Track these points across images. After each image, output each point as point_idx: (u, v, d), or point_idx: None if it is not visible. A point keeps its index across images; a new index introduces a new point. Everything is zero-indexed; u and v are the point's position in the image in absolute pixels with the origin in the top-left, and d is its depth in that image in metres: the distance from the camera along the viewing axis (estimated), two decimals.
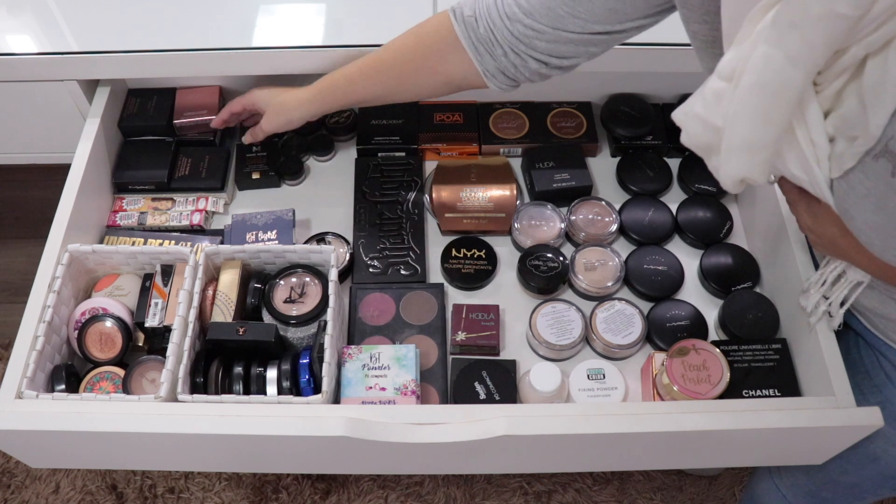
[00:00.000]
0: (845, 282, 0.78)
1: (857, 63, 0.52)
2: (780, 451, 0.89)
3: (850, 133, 0.55)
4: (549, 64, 0.82)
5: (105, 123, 1.06)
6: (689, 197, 1.10)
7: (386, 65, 0.92)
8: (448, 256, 1.03)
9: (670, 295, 1.01)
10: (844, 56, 0.51)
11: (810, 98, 0.56)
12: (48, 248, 0.92)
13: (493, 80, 0.87)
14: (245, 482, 1.46)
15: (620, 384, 0.92)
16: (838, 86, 0.54)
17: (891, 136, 0.52)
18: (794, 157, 0.59)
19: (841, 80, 0.54)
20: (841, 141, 0.57)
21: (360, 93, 0.95)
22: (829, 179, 0.59)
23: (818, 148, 0.58)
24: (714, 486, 1.47)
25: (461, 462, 0.92)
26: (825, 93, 0.55)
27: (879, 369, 0.83)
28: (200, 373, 0.85)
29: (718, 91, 0.59)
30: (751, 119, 0.56)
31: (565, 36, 0.79)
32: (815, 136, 0.57)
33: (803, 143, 0.58)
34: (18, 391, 0.82)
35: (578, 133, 1.15)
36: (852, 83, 0.54)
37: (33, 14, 1.05)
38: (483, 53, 0.84)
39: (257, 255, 0.93)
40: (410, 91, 0.94)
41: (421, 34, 0.90)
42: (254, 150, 1.13)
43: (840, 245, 0.68)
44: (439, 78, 0.90)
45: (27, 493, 1.46)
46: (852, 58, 0.51)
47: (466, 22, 0.84)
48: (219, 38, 1.02)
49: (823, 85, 0.55)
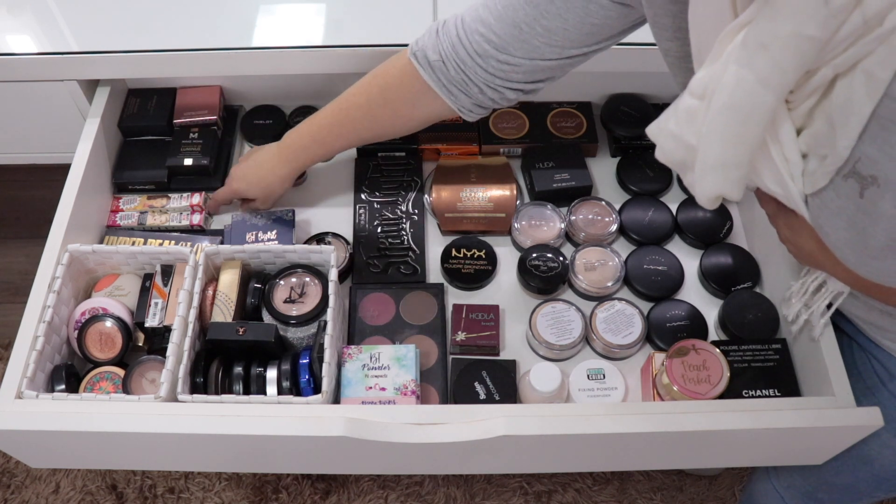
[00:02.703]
0: (826, 291, 0.78)
1: (826, 83, 0.52)
2: (779, 451, 0.89)
3: (820, 152, 0.55)
4: (525, 90, 0.83)
5: (105, 123, 1.06)
6: (689, 197, 1.10)
7: (354, 118, 0.92)
8: (448, 256, 1.03)
9: (670, 295, 1.01)
10: (815, 76, 0.52)
11: (783, 116, 0.56)
12: (48, 248, 0.92)
13: (469, 114, 0.87)
14: (245, 482, 1.46)
15: (620, 384, 0.92)
16: (809, 105, 0.54)
17: (857, 158, 0.52)
18: (768, 172, 0.60)
19: (812, 100, 0.54)
20: (813, 159, 0.57)
21: (335, 146, 0.98)
22: (803, 194, 0.60)
23: (792, 164, 0.58)
24: (714, 486, 1.47)
25: (461, 462, 0.92)
26: (797, 111, 0.55)
27: (872, 372, 0.83)
28: (200, 373, 0.85)
29: (691, 109, 0.59)
30: (724, 139, 0.57)
31: (542, 65, 0.78)
32: (789, 153, 0.58)
33: (777, 160, 0.58)
34: (18, 391, 0.82)
35: (578, 133, 1.15)
36: (822, 103, 0.54)
37: (33, 14, 1.05)
38: (457, 93, 0.84)
39: (257, 255, 0.93)
40: (384, 135, 0.95)
41: (386, 86, 0.88)
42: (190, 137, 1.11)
43: (818, 258, 0.69)
44: (412, 123, 0.91)
45: (27, 493, 1.46)
46: (822, 78, 0.51)
47: (434, 66, 0.83)
48: (219, 38, 1.02)
49: (795, 103, 0.55)
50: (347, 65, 1.02)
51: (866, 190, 0.53)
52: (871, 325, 0.80)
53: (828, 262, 0.67)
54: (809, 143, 0.57)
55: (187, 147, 1.09)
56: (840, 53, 0.49)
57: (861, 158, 0.52)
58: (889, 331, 0.78)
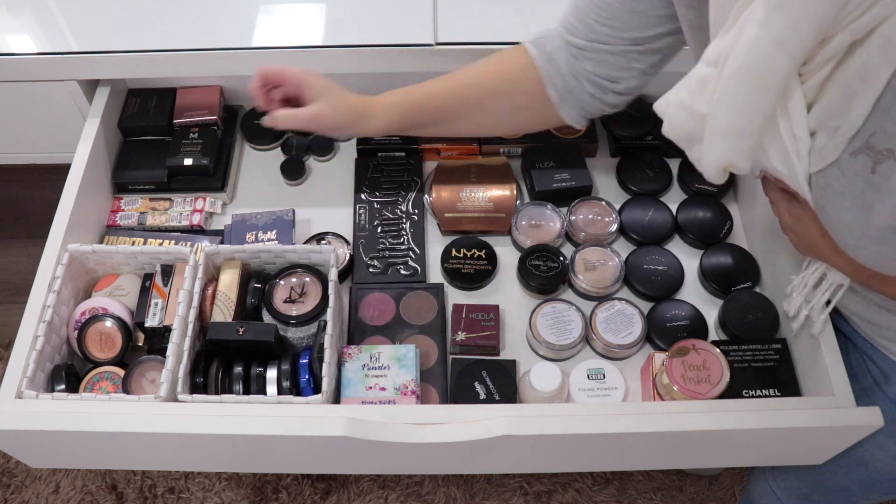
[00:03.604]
0: (826, 285, 0.78)
1: (842, 51, 0.52)
2: (779, 451, 0.89)
3: (832, 124, 0.55)
4: (603, 87, 0.83)
5: (105, 123, 1.06)
6: (689, 197, 1.10)
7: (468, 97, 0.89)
8: (448, 256, 1.03)
9: (670, 295, 1.01)
10: (830, 44, 0.52)
11: (795, 88, 0.56)
12: (48, 248, 0.92)
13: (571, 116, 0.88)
14: (245, 482, 1.46)
15: (620, 384, 0.92)
16: (823, 75, 0.54)
17: (872, 133, 0.52)
18: (775, 150, 0.60)
19: (825, 70, 0.54)
20: (822, 134, 0.57)
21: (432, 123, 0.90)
22: (808, 175, 0.60)
23: (799, 142, 0.58)
24: (714, 486, 1.47)
25: (461, 462, 0.92)
26: (809, 83, 0.55)
27: (867, 373, 0.83)
28: (200, 373, 0.85)
29: (704, 77, 0.59)
30: (735, 104, 0.57)
31: (602, 48, 0.79)
32: (797, 130, 0.57)
33: (785, 137, 0.58)
34: (18, 391, 0.82)
35: (578, 133, 1.15)
36: (836, 74, 0.54)
37: (33, 14, 1.05)
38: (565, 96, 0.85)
39: (257, 255, 0.93)
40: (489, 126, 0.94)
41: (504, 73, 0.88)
42: (190, 137, 1.11)
43: (819, 247, 0.69)
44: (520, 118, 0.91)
45: (27, 493, 1.46)
46: (838, 45, 0.51)
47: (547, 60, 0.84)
48: (219, 38, 1.02)
49: (808, 75, 0.55)
50: (347, 65, 1.02)
51: (880, 164, 0.52)
52: (868, 323, 0.80)
53: (829, 251, 0.67)
54: (819, 119, 0.56)
55: (187, 147, 1.09)
56: (857, 17, 0.49)
57: (876, 132, 0.52)
58: (886, 328, 0.78)
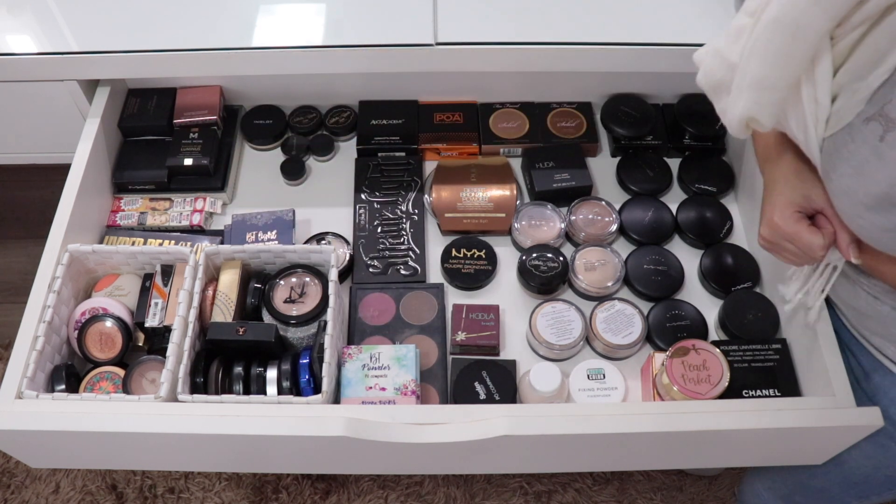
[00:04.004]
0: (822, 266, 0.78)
1: (879, 13, 0.53)
2: (779, 451, 0.89)
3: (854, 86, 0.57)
4: None
5: (105, 123, 1.06)
6: (689, 197, 1.10)
7: None
8: (448, 256, 1.03)
9: (670, 295, 1.01)
10: (868, 4, 0.53)
11: (825, 51, 0.57)
12: (48, 248, 0.92)
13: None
14: (245, 482, 1.46)
15: (620, 384, 0.92)
16: (854, 38, 0.55)
17: (889, 100, 0.53)
18: (794, 117, 0.61)
19: (858, 32, 0.55)
20: (842, 97, 0.58)
21: None
22: (821, 140, 0.61)
23: (820, 107, 0.59)
24: (714, 486, 1.47)
25: (461, 462, 0.92)
26: (840, 45, 0.56)
27: (849, 370, 0.83)
28: (200, 373, 0.85)
29: (741, 27, 0.61)
30: (767, 54, 0.58)
31: None
32: (820, 95, 0.59)
33: (806, 102, 0.59)
34: (18, 391, 0.82)
35: (578, 133, 1.15)
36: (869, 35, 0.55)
37: (33, 14, 1.05)
38: None
39: (257, 255, 0.93)
40: None
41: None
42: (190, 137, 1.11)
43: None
44: None
45: (27, 493, 1.46)
46: (875, 6, 0.52)
47: None
48: (219, 38, 1.02)
49: (839, 37, 0.56)
50: (347, 65, 1.02)
51: (889, 133, 0.54)
52: (856, 312, 0.80)
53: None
54: (842, 82, 0.58)
55: (187, 147, 1.09)
56: None
57: (893, 100, 0.53)
58: (871, 318, 0.77)
